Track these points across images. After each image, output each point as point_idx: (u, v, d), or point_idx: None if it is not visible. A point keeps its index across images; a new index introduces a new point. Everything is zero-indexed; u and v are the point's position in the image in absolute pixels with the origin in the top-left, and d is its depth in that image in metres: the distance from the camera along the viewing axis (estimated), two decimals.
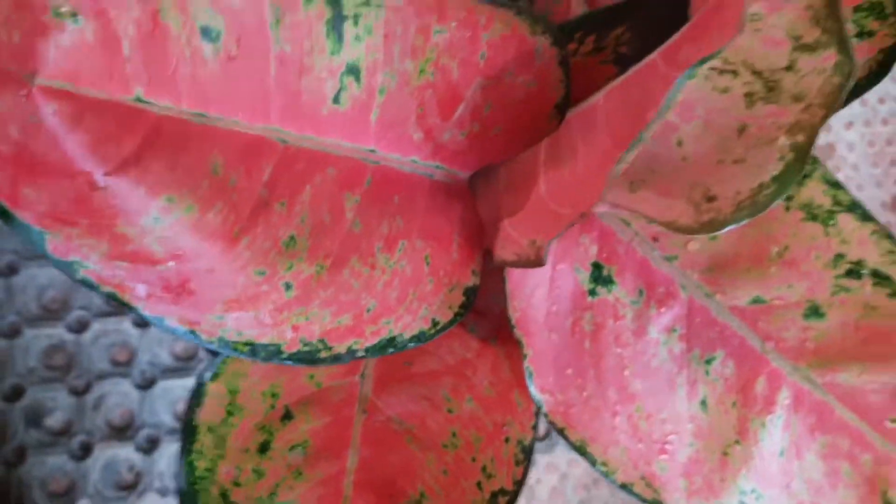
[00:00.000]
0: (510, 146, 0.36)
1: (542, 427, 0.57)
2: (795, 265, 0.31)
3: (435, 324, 0.33)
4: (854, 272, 0.30)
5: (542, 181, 0.33)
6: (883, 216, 0.58)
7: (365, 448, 0.32)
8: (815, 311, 0.31)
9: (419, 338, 0.33)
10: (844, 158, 0.58)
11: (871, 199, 0.58)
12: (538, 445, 0.59)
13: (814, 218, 0.30)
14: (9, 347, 0.41)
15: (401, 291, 0.33)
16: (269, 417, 0.31)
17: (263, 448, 0.30)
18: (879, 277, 0.30)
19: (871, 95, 0.59)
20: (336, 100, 0.30)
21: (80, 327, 0.43)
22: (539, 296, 0.34)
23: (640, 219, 0.35)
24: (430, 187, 0.35)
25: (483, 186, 0.38)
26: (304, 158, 0.30)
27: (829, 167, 0.59)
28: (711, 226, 0.30)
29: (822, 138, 0.58)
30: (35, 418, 0.41)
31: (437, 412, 0.33)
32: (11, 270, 0.43)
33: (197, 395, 0.29)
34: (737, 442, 0.33)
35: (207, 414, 0.29)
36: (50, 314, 0.42)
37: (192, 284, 0.26)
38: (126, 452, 0.41)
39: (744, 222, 0.29)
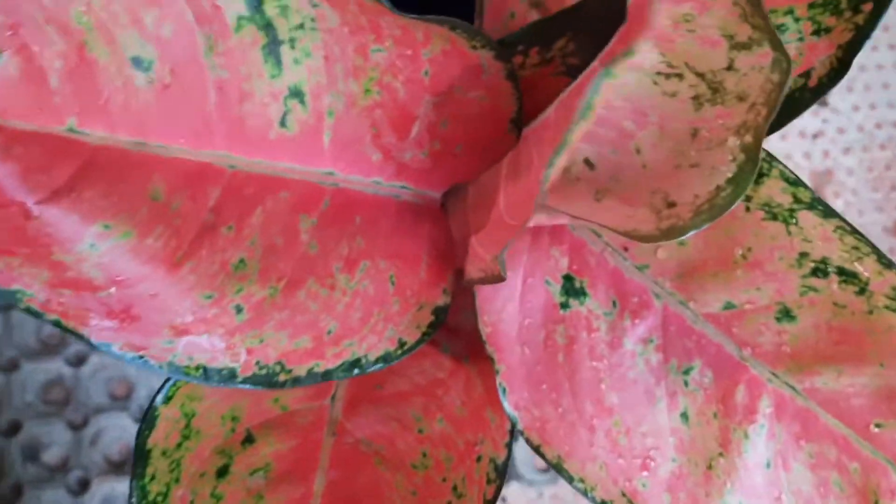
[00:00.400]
0: (475, 163, 0.36)
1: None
2: (760, 267, 0.30)
3: (402, 344, 0.33)
4: (820, 271, 0.29)
5: (502, 196, 0.33)
6: (885, 241, 0.56)
7: (333, 471, 0.32)
8: (786, 314, 0.30)
9: (385, 359, 0.33)
10: (843, 183, 0.56)
11: (872, 223, 0.56)
12: (542, 477, 0.58)
13: (774, 217, 0.29)
14: (6, 382, 0.42)
15: (364, 312, 0.33)
16: (229, 441, 0.31)
17: (222, 472, 0.30)
18: (845, 275, 0.29)
19: (868, 122, 0.58)
20: (283, 123, 0.30)
21: (78, 361, 0.44)
22: (510, 310, 0.34)
23: (605, 229, 0.34)
24: (396, 208, 0.35)
25: (454, 205, 0.37)
26: (254, 183, 0.30)
27: (828, 192, 0.57)
28: (672, 232, 0.29)
29: (820, 164, 0.57)
30: (32, 453, 0.42)
31: (407, 433, 0.33)
32: (9, 305, 0.45)
33: (149, 419, 0.30)
34: (720, 454, 0.32)
35: (161, 438, 0.30)
36: (48, 348, 0.44)
37: (136, 310, 0.27)
38: (124, 487, 0.41)
39: (704, 227, 0.28)
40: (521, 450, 0.60)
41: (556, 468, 0.32)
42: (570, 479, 0.32)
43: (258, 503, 0.30)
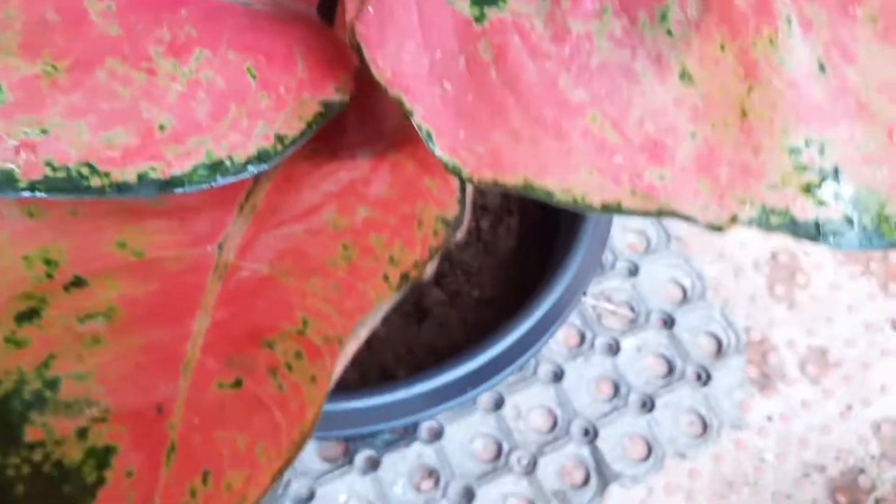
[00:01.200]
0: None
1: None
2: None
3: (281, 139, 0.24)
4: None
5: None
6: None
7: (222, 309, 0.22)
8: None
9: (261, 158, 0.23)
10: None
11: None
12: (644, 467, 0.46)
13: None
14: None
15: (214, 106, 0.24)
16: (42, 286, 0.21)
17: (26, 316, 0.20)
18: None
19: None
20: None
21: None
22: (411, 48, 0.25)
23: None
24: (246, 12, 0.28)
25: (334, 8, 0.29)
26: None
27: None
28: None
29: None
30: None
31: (318, 237, 0.23)
32: None
33: None
34: (750, 89, 0.21)
35: None
36: None
37: None
38: None
39: None
40: (605, 443, 0.48)
41: (527, 189, 0.21)
42: (549, 196, 0.21)
43: (94, 347, 0.20)
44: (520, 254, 0.43)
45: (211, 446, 0.17)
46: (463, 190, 0.23)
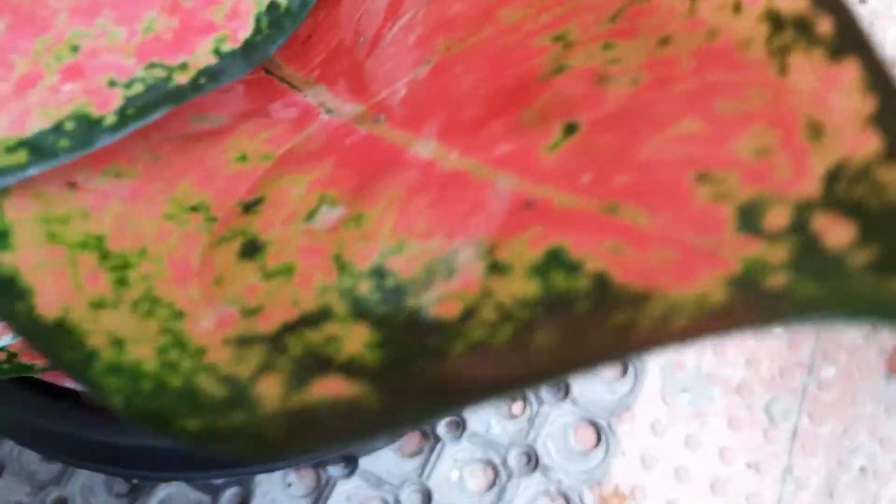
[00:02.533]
0: None
1: None
2: None
3: None
4: None
5: None
6: None
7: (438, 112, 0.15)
8: None
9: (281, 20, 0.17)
10: None
11: None
12: None
13: None
14: None
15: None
16: (217, 229, 0.14)
17: (249, 251, 0.13)
18: None
19: None
20: None
21: None
22: None
23: None
24: None
25: None
26: None
27: None
28: None
29: None
30: None
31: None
32: None
33: None
34: None
35: (53, 299, 0.12)
36: None
37: None
38: None
39: None
40: None
41: None
42: None
43: (358, 226, 0.13)
44: None
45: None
46: None
